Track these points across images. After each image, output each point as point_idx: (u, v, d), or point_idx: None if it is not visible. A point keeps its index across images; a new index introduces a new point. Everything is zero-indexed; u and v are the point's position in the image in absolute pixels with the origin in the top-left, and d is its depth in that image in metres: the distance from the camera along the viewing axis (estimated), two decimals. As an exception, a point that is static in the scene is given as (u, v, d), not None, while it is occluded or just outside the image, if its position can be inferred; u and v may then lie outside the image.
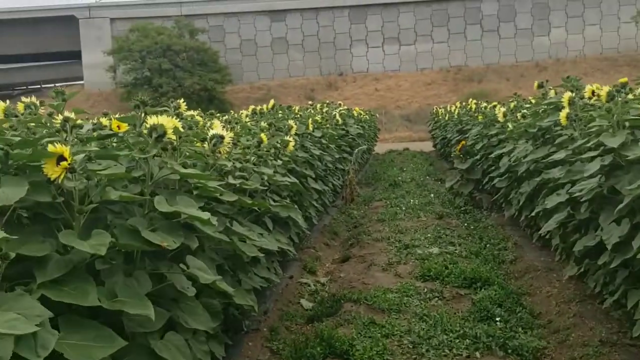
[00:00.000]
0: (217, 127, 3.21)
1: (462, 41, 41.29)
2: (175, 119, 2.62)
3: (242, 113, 5.80)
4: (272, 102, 5.60)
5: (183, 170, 2.11)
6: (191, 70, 37.29)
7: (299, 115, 6.15)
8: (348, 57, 41.59)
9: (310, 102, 9.75)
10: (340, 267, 5.01)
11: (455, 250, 5.12)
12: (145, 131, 2.00)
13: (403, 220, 6.64)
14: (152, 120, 2.00)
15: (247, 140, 3.62)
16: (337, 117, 8.43)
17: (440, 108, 18.03)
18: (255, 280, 3.40)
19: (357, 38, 41.48)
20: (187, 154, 2.53)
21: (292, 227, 4.34)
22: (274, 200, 3.70)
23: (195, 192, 2.56)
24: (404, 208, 7.32)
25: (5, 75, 51.92)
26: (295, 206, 4.45)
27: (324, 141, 6.07)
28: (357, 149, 8.14)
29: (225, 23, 41.87)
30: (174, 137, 2.05)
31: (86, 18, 41.86)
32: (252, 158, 3.54)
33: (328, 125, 7.38)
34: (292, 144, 4.55)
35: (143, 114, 2.14)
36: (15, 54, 43.78)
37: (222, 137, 2.86)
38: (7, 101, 3.02)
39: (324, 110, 8.88)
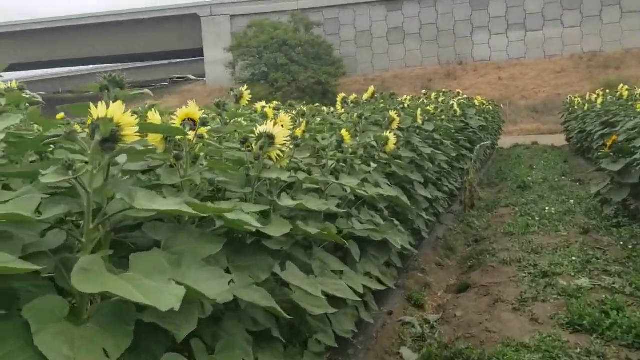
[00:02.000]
0: (284, 122, 2.29)
1: (597, 24, 37.50)
2: (199, 110, 1.71)
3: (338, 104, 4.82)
4: (371, 89, 4.59)
5: (154, 206, 1.15)
6: (306, 64, 37.13)
7: (406, 106, 5.07)
8: (469, 45, 39.33)
9: (424, 91, 8.60)
10: (456, 300, 3.89)
11: (614, 283, 3.80)
12: (86, 131, 1.08)
13: (537, 234, 5.34)
14: (96, 111, 1.08)
15: (324, 139, 2.64)
16: (455, 107, 7.22)
17: (575, 97, 15.95)
18: (332, 332, 2.44)
19: (479, 25, 39.10)
20: (204, 164, 1.60)
21: (393, 247, 3.33)
22: (361, 222, 2.69)
23: (218, 225, 1.63)
24: (537, 218, 5.98)
25: (135, 74, 55.22)
26: (396, 222, 3.44)
27: (437, 136, 4.95)
28: (479, 145, 6.87)
29: (340, 15, 41.27)
30: (134, 138, 1.12)
31: (208, 16, 43.08)
32: (330, 163, 2.56)
33: (443, 117, 6.23)
34: (392, 141, 3.53)
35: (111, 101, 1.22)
36: (142, 53, 46.16)
37: (271, 137, 1.91)
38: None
39: (440, 99, 7.70)
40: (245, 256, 1.80)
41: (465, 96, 8.76)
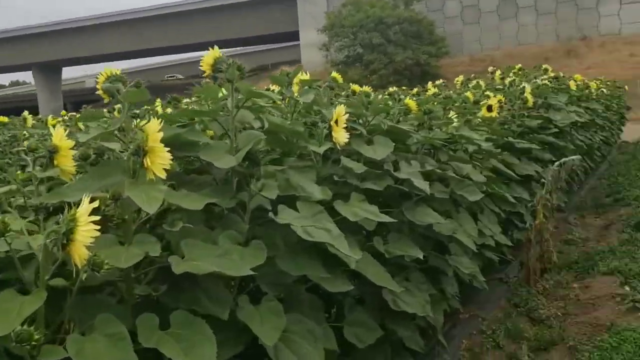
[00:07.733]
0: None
1: None
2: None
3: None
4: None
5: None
6: (404, 44, 34.04)
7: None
8: (594, 18, 34.18)
9: (491, 69, 5.72)
10: None
11: None
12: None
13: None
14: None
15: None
16: (527, 94, 4.32)
17: None
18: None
19: (607, -7, 33.81)
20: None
21: None
22: None
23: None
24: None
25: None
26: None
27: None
28: (557, 163, 3.84)
29: (444, -11, 37.68)
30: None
31: (304, -4, 41.20)
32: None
33: (498, 114, 3.42)
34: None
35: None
36: (239, 38, 45.18)
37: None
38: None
39: (507, 81, 4.82)
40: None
41: (552, 75, 5.73)
